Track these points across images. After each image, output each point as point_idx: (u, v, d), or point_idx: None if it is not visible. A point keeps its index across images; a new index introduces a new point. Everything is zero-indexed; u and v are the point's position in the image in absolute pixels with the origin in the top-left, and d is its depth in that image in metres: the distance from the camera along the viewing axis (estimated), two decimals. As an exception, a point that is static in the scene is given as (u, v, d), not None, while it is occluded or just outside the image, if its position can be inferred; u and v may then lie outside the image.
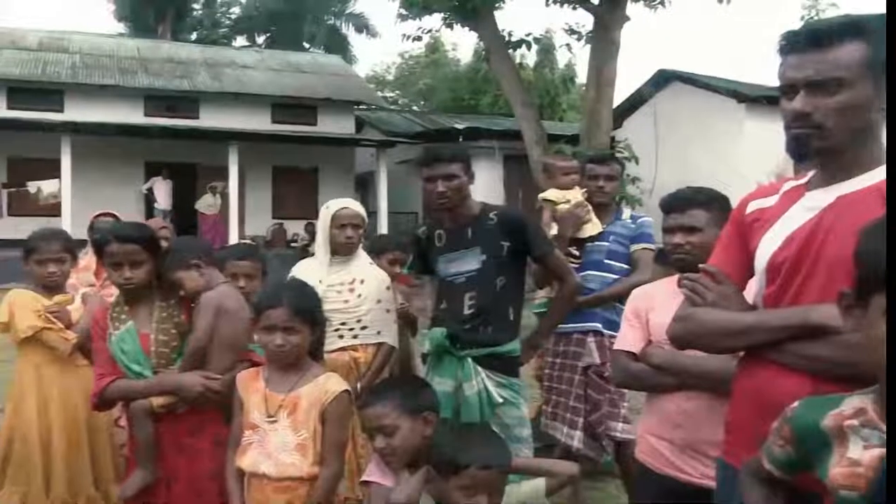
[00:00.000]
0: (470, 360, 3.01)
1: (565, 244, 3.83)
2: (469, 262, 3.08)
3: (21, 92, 18.68)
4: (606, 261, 3.90)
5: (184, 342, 2.76)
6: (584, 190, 4.06)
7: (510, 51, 14.87)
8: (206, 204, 16.92)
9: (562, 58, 27.59)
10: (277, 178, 20.16)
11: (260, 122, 20.03)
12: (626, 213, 4.16)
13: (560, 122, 24.22)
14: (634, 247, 3.94)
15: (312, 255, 3.72)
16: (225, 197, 17.52)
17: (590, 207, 3.97)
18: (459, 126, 19.94)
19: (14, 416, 3.22)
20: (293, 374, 2.48)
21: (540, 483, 2.38)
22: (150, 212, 16.95)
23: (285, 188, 19.97)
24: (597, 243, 3.93)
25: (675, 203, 2.51)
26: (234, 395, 2.57)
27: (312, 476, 2.40)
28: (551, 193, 4.12)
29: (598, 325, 3.87)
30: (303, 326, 2.44)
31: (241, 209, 17.94)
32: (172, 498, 2.69)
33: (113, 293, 2.96)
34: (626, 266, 3.90)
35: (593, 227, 3.93)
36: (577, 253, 3.92)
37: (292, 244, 18.23)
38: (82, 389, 3.17)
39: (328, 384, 2.48)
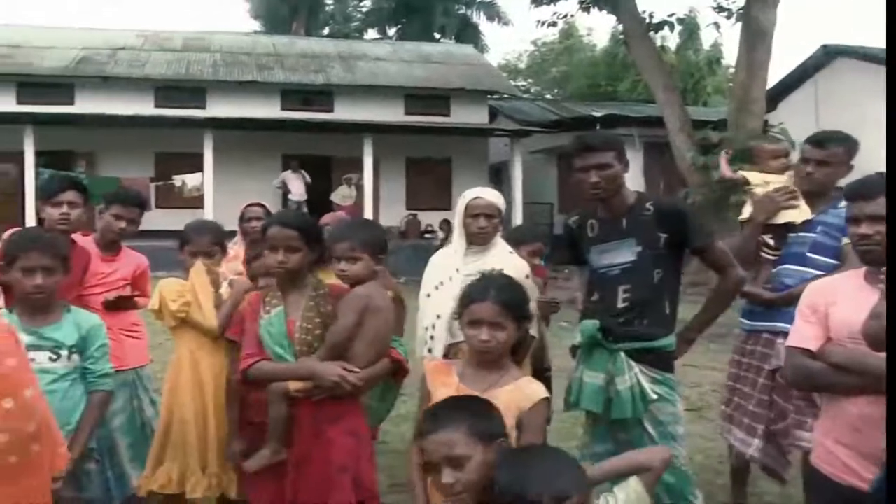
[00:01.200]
0: (623, 354, 2.95)
1: (757, 230, 3.64)
2: (624, 254, 3.02)
3: (167, 91, 20.09)
4: (809, 254, 3.53)
5: (327, 331, 2.83)
6: (793, 174, 3.74)
7: (651, 33, 14.43)
8: (341, 195, 17.53)
9: (706, 38, 26.53)
10: (411, 169, 20.59)
11: (393, 113, 20.52)
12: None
13: (705, 107, 23.31)
14: (846, 239, 3.57)
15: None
16: (360, 188, 18.08)
17: (796, 193, 3.63)
18: (597, 113, 19.59)
19: (171, 397, 3.42)
20: (492, 372, 2.42)
21: (638, 487, 2.06)
22: (285, 203, 17.63)
23: (419, 179, 20.37)
24: (801, 234, 3.58)
25: (863, 190, 2.33)
26: (421, 387, 2.61)
27: None
28: (751, 175, 3.92)
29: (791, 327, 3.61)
30: (509, 323, 2.39)
31: (375, 200, 18.47)
32: (301, 483, 2.75)
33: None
34: (832, 261, 3.46)
35: (799, 213, 3.59)
36: (771, 242, 3.65)
37: (426, 235, 18.56)
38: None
39: (529, 389, 2.40)
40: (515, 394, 2.38)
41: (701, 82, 26.57)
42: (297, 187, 17.74)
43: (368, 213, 16.80)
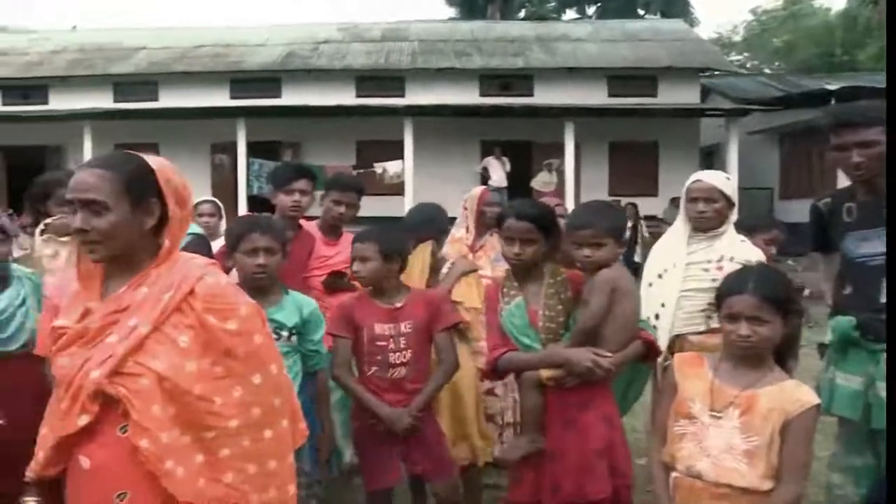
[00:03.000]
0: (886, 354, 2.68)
1: None
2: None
3: (367, 80, 21.09)
4: None
5: (570, 318, 2.90)
6: None
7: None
8: (542, 181, 17.53)
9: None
10: (614, 153, 20.15)
11: (596, 96, 20.19)
12: None
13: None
14: None
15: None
16: (560, 174, 18.00)
17: None
18: (831, 87, 18.02)
19: None
20: (753, 369, 2.35)
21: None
22: None
23: (622, 164, 19.89)
24: None
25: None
26: (664, 378, 2.61)
27: (757, 490, 2.23)
28: None
29: None
30: (772, 317, 2.30)
31: (576, 186, 18.27)
32: (558, 472, 2.80)
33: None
34: None
35: None
36: None
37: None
38: None
39: (798, 393, 2.30)
40: (780, 396, 2.27)
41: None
42: (498, 174, 17.96)
43: (570, 199, 16.62)
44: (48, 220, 3.67)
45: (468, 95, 20.45)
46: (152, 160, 1.88)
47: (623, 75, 20.67)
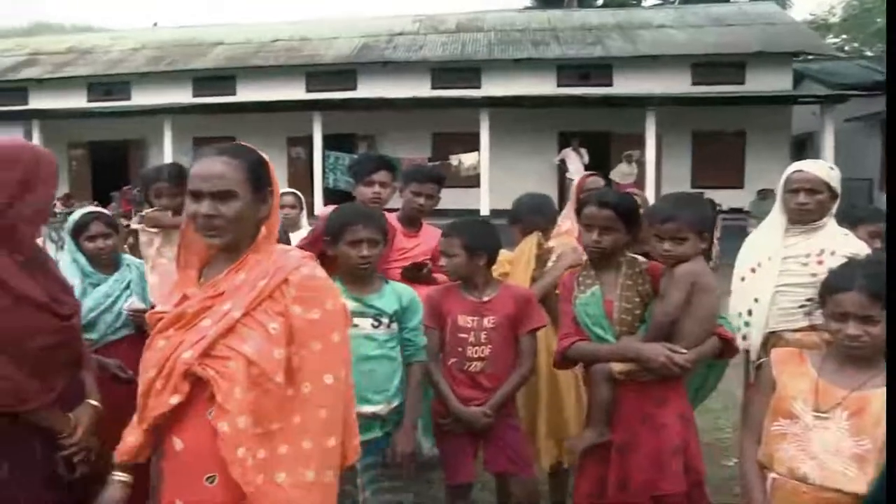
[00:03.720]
0: None
1: None
2: None
3: (443, 72, 21.18)
4: None
5: (646, 310, 2.87)
6: None
7: None
8: (621, 173, 17.24)
9: None
10: (698, 143, 19.72)
11: (679, 84, 19.77)
12: None
13: None
14: None
15: None
16: (641, 165, 17.74)
17: None
18: (936, 70, 17.12)
19: None
20: (862, 369, 2.25)
21: None
22: (563, 183, 17.89)
23: (706, 155, 19.44)
24: None
25: None
26: (759, 376, 2.56)
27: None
28: None
29: None
30: (883, 315, 2.18)
31: (657, 178, 17.96)
32: (630, 466, 2.78)
33: None
34: None
35: None
36: None
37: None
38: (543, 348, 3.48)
39: None
40: None
41: None
42: (576, 166, 17.78)
43: (650, 192, 16.30)
44: (145, 212, 3.86)
45: (545, 86, 20.32)
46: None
47: (708, 62, 20.16)
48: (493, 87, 20.23)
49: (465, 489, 3.22)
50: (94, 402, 2.34)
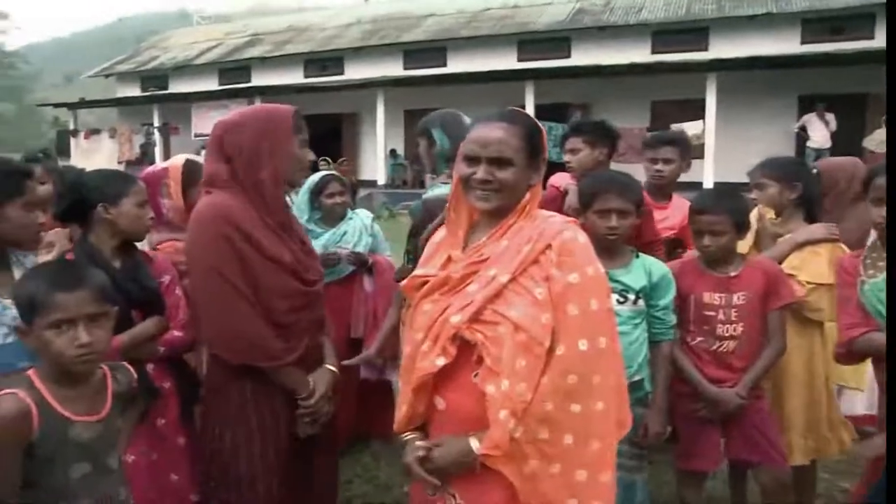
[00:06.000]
0: None
1: None
2: None
3: (665, 34, 20.40)
4: None
5: None
6: None
7: None
8: (878, 140, 15.23)
9: None
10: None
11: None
12: None
13: None
14: None
15: None
16: (905, 132, 15.61)
17: None
18: None
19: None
20: None
21: None
22: (802, 152, 16.64)
23: None
24: None
25: None
26: None
27: None
28: None
29: None
30: None
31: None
32: None
33: None
34: None
35: None
36: None
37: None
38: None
39: None
40: None
41: None
42: (820, 133, 16.51)
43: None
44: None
45: (787, 44, 18.97)
46: None
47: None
48: (722, 49, 19.23)
49: (700, 477, 3.14)
50: (332, 368, 2.55)
